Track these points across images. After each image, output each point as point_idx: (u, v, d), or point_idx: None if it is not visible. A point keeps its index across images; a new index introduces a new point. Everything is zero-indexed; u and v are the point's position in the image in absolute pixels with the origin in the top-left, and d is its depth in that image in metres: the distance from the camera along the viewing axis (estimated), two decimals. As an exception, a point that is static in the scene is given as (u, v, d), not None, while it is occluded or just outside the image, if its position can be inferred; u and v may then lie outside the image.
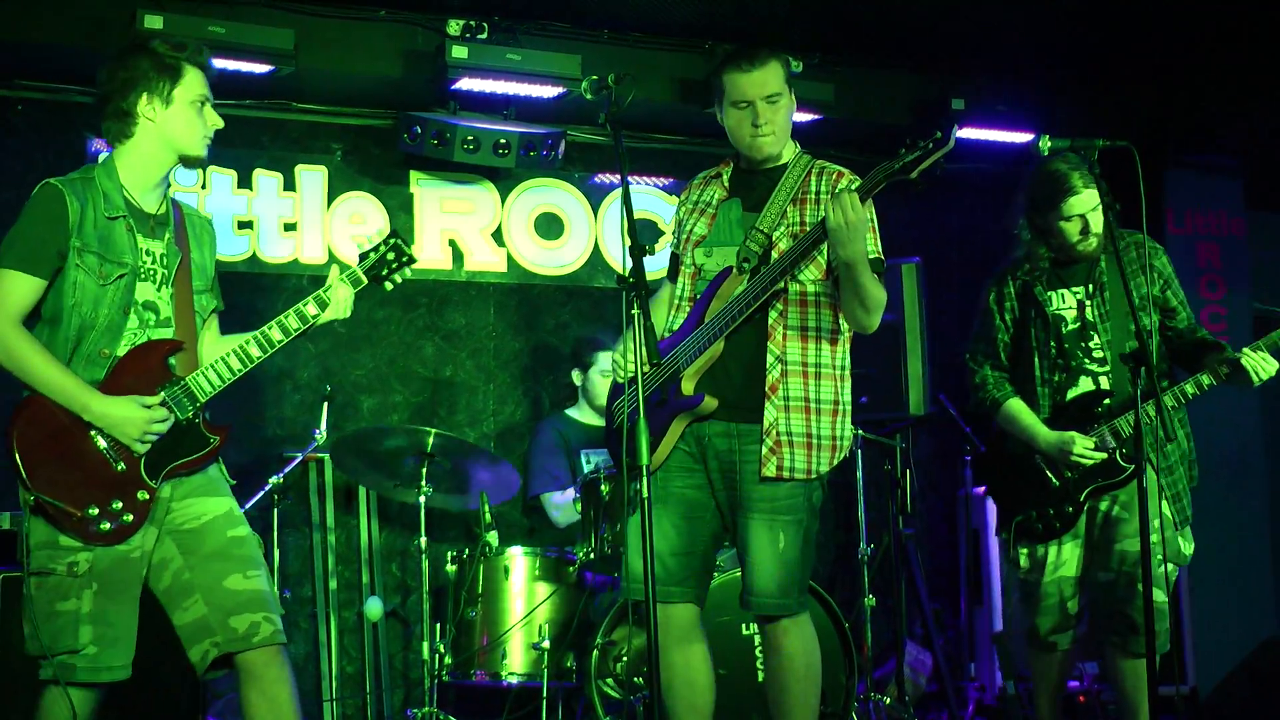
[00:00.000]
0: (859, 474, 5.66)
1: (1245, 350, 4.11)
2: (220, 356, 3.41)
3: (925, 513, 6.85)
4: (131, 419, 3.27)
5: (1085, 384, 4.26)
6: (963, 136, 6.53)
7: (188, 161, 3.47)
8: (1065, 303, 4.29)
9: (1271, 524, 7.16)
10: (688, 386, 3.72)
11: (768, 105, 3.75)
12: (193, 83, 3.42)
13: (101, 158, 3.52)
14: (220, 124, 3.49)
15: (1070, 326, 4.28)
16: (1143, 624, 4.10)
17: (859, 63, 6.51)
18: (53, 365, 3.26)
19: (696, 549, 3.80)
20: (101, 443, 3.27)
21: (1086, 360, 4.26)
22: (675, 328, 3.82)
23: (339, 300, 3.53)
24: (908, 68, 6.61)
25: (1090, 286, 4.26)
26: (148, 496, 3.30)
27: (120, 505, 3.27)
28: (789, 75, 3.82)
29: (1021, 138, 6.52)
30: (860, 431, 5.59)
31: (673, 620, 3.75)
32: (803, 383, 3.71)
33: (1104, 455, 4.17)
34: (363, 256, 3.60)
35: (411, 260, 3.63)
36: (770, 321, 3.71)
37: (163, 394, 3.33)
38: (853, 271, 3.57)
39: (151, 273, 3.39)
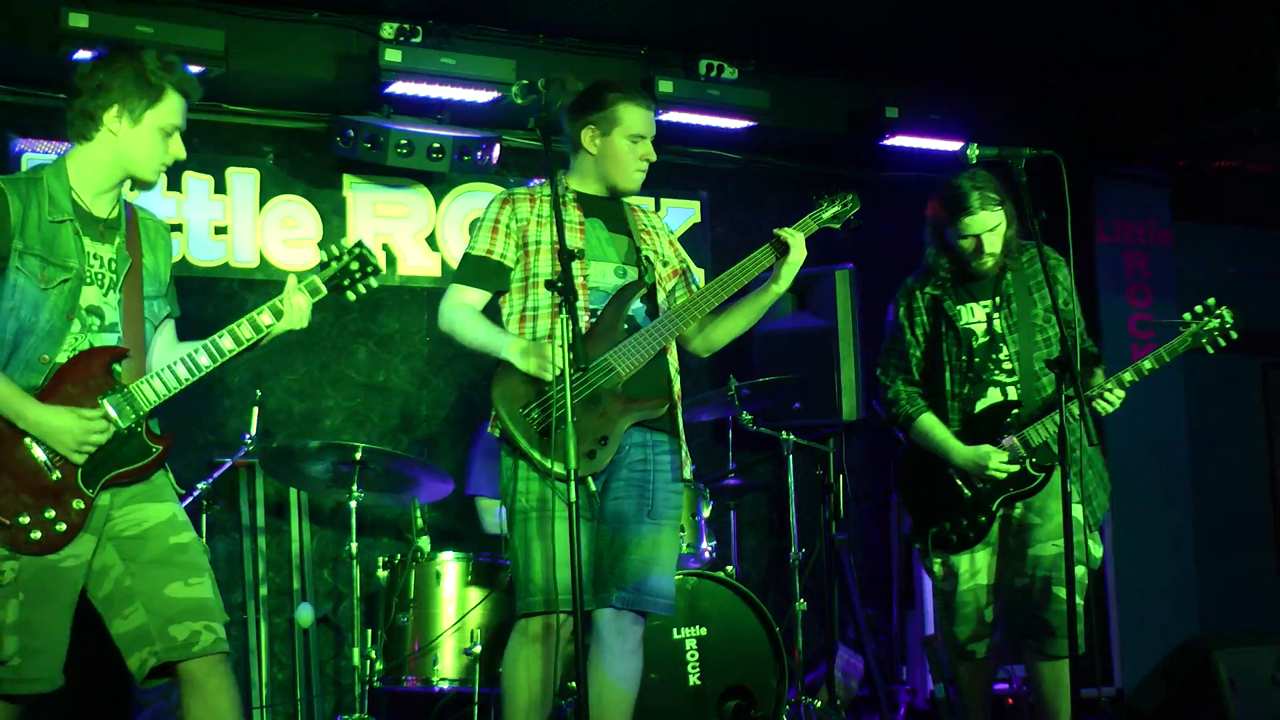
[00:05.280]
0: (791, 479, 5.68)
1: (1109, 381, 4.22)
2: (167, 365, 3.32)
3: (858, 517, 6.89)
4: (68, 429, 3.18)
5: (994, 395, 4.32)
6: (896, 144, 6.64)
7: (136, 183, 3.39)
8: (975, 316, 4.36)
9: (1195, 529, 7.28)
10: (632, 389, 3.75)
11: (652, 147, 3.91)
12: (169, 110, 3.32)
13: (24, 158, 3.44)
14: (182, 155, 3.39)
15: (980, 340, 4.34)
16: (1058, 626, 4.19)
17: (794, 71, 6.56)
18: None
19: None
20: (37, 450, 3.18)
21: (996, 372, 4.32)
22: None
23: (295, 310, 3.42)
24: (842, 76, 6.67)
25: (997, 299, 4.34)
26: (84, 506, 3.22)
27: (53, 514, 3.18)
28: None
29: (954, 146, 6.58)
30: (793, 437, 5.62)
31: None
32: (679, 391, 3.94)
33: (1017, 467, 4.24)
34: (323, 265, 3.50)
35: (377, 270, 3.53)
36: None
37: (104, 402, 3.24)
38: (771, 303, 3.93)
39: (99, 276, 3.31)
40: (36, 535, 3.17)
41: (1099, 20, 6.05)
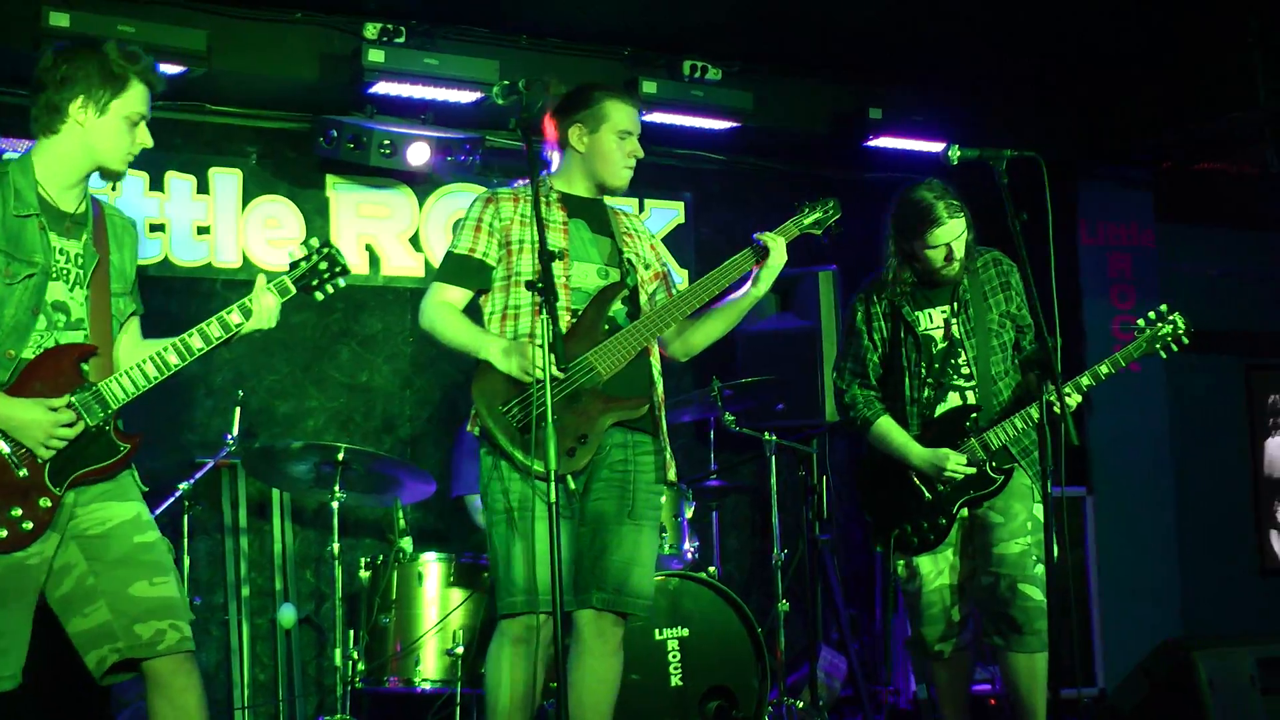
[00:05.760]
0: (773, 480, 5.68)
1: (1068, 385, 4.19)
2: (136, 363, 3.30)
3: (841, 518, 6.89)
4: (36, 422, 3.15)
5: (953, 399, 4.33)
6: (880, 146, 6.65)
7: (105, 174, 3.39)
8: (933, 322, 4.37)
9: (1178, 530, 7.30)
10: (613, 389, 3.75)
11: (639, 144, 3.92)
12: (134, 99, 3.32)
13: (6, 156, 3.41)
14: (149, 144, 3.40)
15: (940, 345, 4.35)
16: (1024, 623, 4.21)
17: (778, 71, 6.56)
18: None
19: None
20: (3, 447, 3.16)
21: (955, 377, 4.34)
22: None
23: (264, 309, 3.41)
24: (827, 77, 6.67)
25: (955, 305, 4.35)
26: (50, 504, 3.19)
27: (20, 512, 3.15)
28: None
29: (937, 147, 6.56)
30: (776, 438, 5.62)
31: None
32: (662, 394, 3.93)
33: (974, 470, 4.25)
34: (293, 265, 3.49)
35: (345, 271, 3.54)
36: None
37: (71, 398, 3.21)
38: (750, 307, 3.93)
39: (65, 272, 3.28)
40: (3, 534, 3.14)
41: (1094, 21, 6.06)
